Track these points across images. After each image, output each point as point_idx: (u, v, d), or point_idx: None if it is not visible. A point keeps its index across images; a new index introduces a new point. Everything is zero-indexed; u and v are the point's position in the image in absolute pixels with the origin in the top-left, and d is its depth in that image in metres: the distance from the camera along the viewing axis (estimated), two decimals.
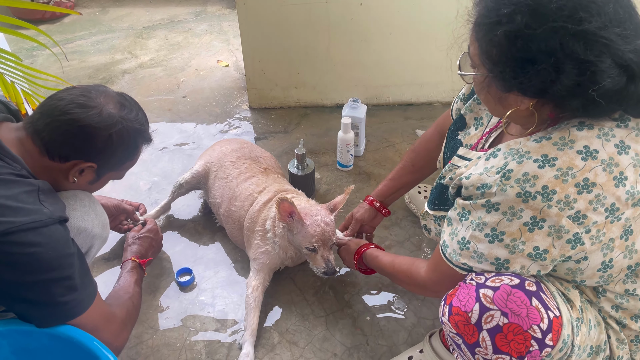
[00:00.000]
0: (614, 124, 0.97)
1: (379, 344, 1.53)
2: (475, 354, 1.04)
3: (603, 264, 1.01)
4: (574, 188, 0.93)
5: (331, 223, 1.56)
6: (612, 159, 0.94)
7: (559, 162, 0.94)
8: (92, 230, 1.26)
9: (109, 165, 1.24)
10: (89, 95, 1.17)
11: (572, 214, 0.94)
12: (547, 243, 0.97)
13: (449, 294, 1.09)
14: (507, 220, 0.98)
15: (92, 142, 1.16)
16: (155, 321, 1.60)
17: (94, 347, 1.06)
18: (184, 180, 1.93)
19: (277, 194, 1.72)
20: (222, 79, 3.03)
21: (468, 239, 1.05)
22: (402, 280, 1.35)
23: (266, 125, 2.61)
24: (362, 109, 2.23)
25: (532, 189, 0.94)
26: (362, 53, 2.52)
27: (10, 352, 1.12)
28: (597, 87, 0.86)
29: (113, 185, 2.16)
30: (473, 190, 1.03)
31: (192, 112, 2.71)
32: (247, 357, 1.44)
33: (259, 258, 1.65)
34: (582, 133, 0.96)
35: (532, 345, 0.97)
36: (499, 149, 1.04)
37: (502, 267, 1.03)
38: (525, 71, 0.90)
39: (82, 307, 1.08)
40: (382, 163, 2.29)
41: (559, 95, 0.90)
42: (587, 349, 1.09)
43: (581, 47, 0.85)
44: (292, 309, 1.65)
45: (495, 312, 0.98)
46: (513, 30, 0.89)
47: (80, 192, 1.29)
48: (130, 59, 3.28)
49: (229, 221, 1.80)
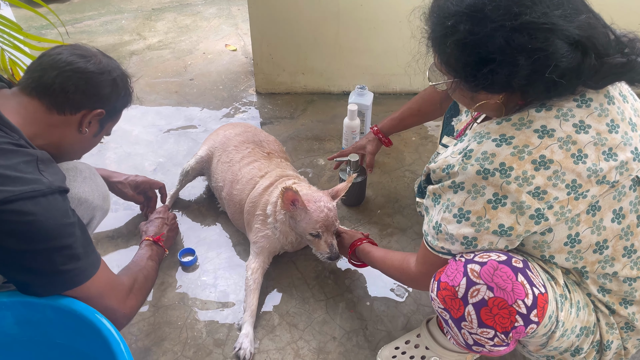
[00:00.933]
0: (574, 104, 1.01)
1: (378, 328, 1.54)
2: (462, 329, 1.06)
3: (569, 238, 1.04)
4: (531, 164, 0.98)
5: (334, 209, 1.57)
6: (569, 137, 0.98)
7: (516, 140, 0.99)
8: (93, 202, 1.27)
9: (113, 111, 1.30)
10: (80, 49, 1.24)
11: (531, 189, 0.98)
12: (512, 220, 1.01)
13: (439, 271, 1.12)
14: (471, 199, 1.03)
15: (101, 87, 1.22)
16: (157, 299, 1.62)
17: (96, 320, 1.07)
18: (190, 167, 1.94)
19: (279, 178, 1.72)
20: (229, 63, 3.03)
21: (440, 222, 1.10)
22: (394, 275, 1.39)
23: (272, 110, 2.60)
24: (368, 97, 2.22)
25: (491, 166, 0.99)
26: (370, 40, 2.51)
27: (14, 323, 1.14)
28: (552, 69, 0.90)
29: (119, 166, 2.18)
30: (440, 172, 1.08)
31: (199, 95, 2.71)
32: (246, 337, 1.46)
33: (259, 242, 1.66)
34: (540, 114, 1.01)
35: (517, 321, 0.99)
36: (466, 134, 1.10)
37: (470, 245, 1.07)
38: (483, 72, 0.95)
39: (84, 276, 1.08)
40: (387, 151, 2.29)
41: (521, 85, 0.95)
42: (577, 330, 1.10)
43: (525, 38, 0.90)
44: (292, 292, 1.67)
45: (482, 287, 1.00)
46: (460, 39, 0.95)
47: (81, 164, 1.31)
48: (139, 41, 3.28)
49: (230, 205, 1.81)
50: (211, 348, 1.48)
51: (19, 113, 1.14)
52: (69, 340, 1.15)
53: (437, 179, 1.11)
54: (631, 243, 1.07)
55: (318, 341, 1.51)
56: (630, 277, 1.10)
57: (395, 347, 1.43)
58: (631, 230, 1.06)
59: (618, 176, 1.00)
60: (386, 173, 2.16)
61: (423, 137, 2.39)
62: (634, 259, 1.09)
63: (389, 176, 2.14)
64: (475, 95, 1.04)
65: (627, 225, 1.05)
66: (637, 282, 1.11)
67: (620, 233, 1.05)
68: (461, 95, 1.08)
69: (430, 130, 2.43)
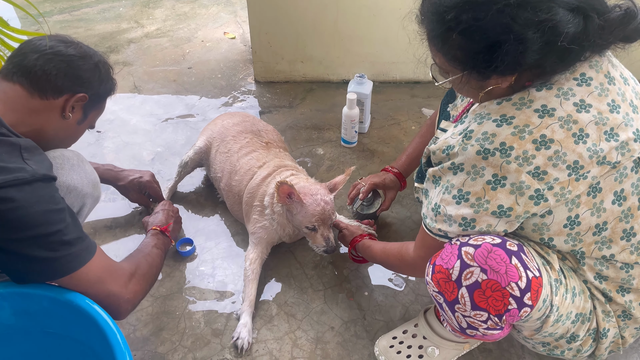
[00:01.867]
0: (574, 83, 1.01)
1: (376, 318, 1.54)
2: (455, 312, 1.07)
3: (569, 220, 1.04)
4: (532, 144, 0.97)
5: (331, 202, 1.56)
6: (570, 116, 0.98)
7: (516, 120, 0.99)
8: (82, 189, 1.26)
9: (96, 98, 1.29)
10: (61, 37, 1.25)
11: (531, 169, 0.98)
12: (511, 200, 1.01)
13: (434, 255, 1.12)
14: (471, 180, 1.03)
15: (82, 70, 1.23)
16: (156, 289, 1.62)
17: (92, 311, 1.07)
18: (189, 159, 1.93)
19: (277, 169, 1.71)
20: (228, 51, 3.00)
21: (439, 204, 1.10)
22: (394, 264, 1.39)
23: (271, 99, 2.59)
24: (368, 85, 2.20)
25: (491, 146, 0.99)
26: (370, 28, 2.48)
27: (11, 314, 1.14)
28: (563, 36, 0.91)
29: (117, 155, 2.17)
30: (439, 154, 1.08)
31: (197, 84, 2.69)
32: (244, 327, 1.46)
33: (257, 232, 1.66)
34: (540, 93, 1.00)
35: (510, 304, 0.99)
36: (466, 116, 1.09)
37: (468, 226, 1.06)
38: (495, 56, 0.94)
39: (79, 262, 1.07)
40: (386, 141, 2.28)
41: (534, 60, 0.94)
42: (572, 316, 1.10)
43: (530, 12, 0.90)
44: (291, 282, 1.66)
45: (475, 269, 1.00)
46: (465, 29, 0.94)
47: (68, 152, 1.29)
48: (137, 29, 3.25)
49: (229, 195, 1.80)
50: (209, 338, 1.49)
51: (0, 100, 1.12)
52: (66, 330, 1.15)
53: (437, 160, 1.11)
54: (631, 226, 1.06)
55: (316, 331, 1.51)
56: (627, 263, 1.10)
57: (393, 337, 1.43)
58: (631, 213, 1.05)
59: (619, 157, 0.99)
60: (385, 162, 2.15)
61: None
62: (633, 243, 1.08)
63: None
64: (485, 83, 1.03)
65: (628, 208, 1.05)
66: (634, 269, 1.11)
67: (620, 215, 1.05)
68: (470, 88, 1.07)
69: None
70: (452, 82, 1.08)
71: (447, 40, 0.99)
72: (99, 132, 2.31)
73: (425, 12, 1.03)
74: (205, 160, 1.95)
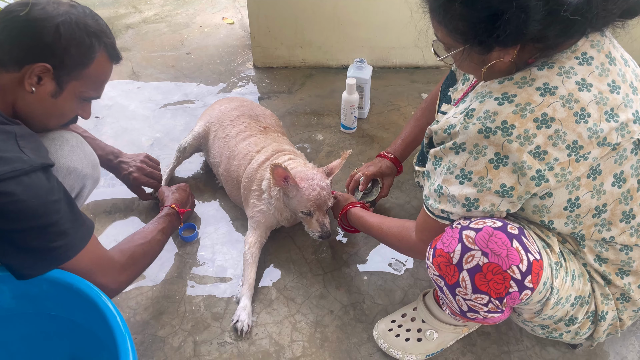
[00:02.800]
0: (575, 62, 1.00)
1: (375, 302, 1.55)
2: (456, 295, 1.07)
3: (569, 202, 1.04)
4: (533, 123, 0.97)
5: (327, 187, 1.55)
6: (571, 95, 0.97)
7: (518, 98, 0.98)
8: (82, 170, 1.25)
9: (65, 68, 1.12)
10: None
11: (532, 149, 0.97)
12: (513, 180, 1.00)
13: (435, 239, 1.12)
14: (473, 159, 1.02)
15: (40, 36, 1.07)
16: (156, 274, 1.63)
17: (93, 293, 1.07)
18: (187, 144, 1.92)
19: (275, 153, 1.71)
20: (227, 37, 2.98)
21: (441, 184, 1.09)
22: (392, 243, 1.38)
23: (270, 84, 2.57)
24: (367, 70, 2.19)
25: (492, 125, 0.98)
26: (370, 12, 2.46)
27: (11, 297, 1.14)
28: (567, 6, 0.89)
29: (115, 141, 2.16)
30: (441, 134, 1.07)
31: (196, 70, 2.68)
32: (244, 310, 1.47)
33: (255, 216, 1.66)
34: (542, 72, 0.99)
35: (511, 287, 1.00)
36: (467, 95, 1.09)
37: (472, 206, 1.06)
38: (497, 25, 0.92)
39: (73, 251, 1.07)
40: (386, 126, 2.27)
41: (537, 30, 0.93)
42: (571, 298, 1.11)
43: None
44: (290, 267, 1.67)
45: (476, 252, 1.00)
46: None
47: (67, 133, 1.28)
48: (134, 14, 3.22)
49: (227, 180, 1.80)
50: (209, 322, 1.49)
51: None
52: (66, 313, 1.15)
53: (439, 141, 1.10)
54: (630, 208, 1.06)
55: (315, 315, 1.52)
56: (627, 245, 1.10)
57: (392, 321, 1.43)
58: (631, 195, 1.05)
59: (619, 138, 0.99)
60: (384, 148, 2.13)
61: None
62: (633, 225, 1.08)
63: None
64: (487, 57, 1.02)
65: (627, 190, 1.05)
66: (634, 251, 1.11)
67: (620, 197, 1.05)
68: (471, 63, 1.05)
69: None
70: (454, 57, 1.06)
71: (448, 11, 0.97)
72: (98, 117, 2.30)
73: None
74: (204, 146, 1.94)
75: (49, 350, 1.24)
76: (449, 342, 1.40)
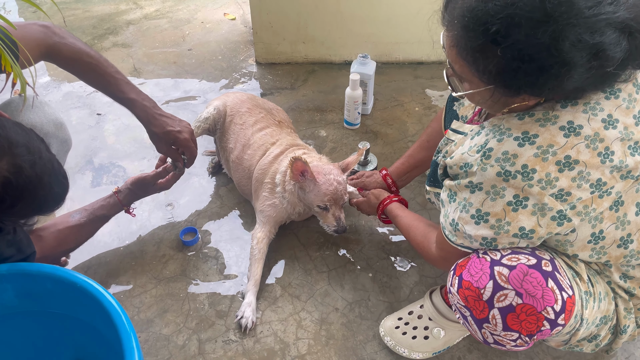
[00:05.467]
0: (602, 96, 0.94)
1: (380, 299, 1.54)
2: (483, 328, 1.03)
3: (593, 236, 1.00)
4: (555, 166, 0.91)
5: (343, 182, 1.54)
6: (597, 135, 0.91)
7: (540, 139, 0.92)
8: (42, 129, 1.24)
9: None
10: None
11: (554, 192, 0.92)
12: (533, 222, 0.96)
13: (459, 264, 1.08)
14: (490, 200, 0.98)
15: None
16: (159, 272, 1.62)
17: (96, 291, 1.06)
18: (210, 115, 1.83)
19: (290, 147, 1.70)
20: (228, 33, 2.96)
21: (457, 221, 1.05)
22: (416, 247, 1.34)
23: (272, 80, 2.55)
24: (371, 66, 2.17)
25: (512, 168, 0.93)
26: (373, 7, 2.44)
27: (14, 296, 1.13)
28: (612, 62, 0.82)
29: (117, 138, 2.15)
30: (457, 169, 1.03)
31: (198, 66, 2.66)
32: (249, 306, 1.45)
33: (266, 210, 1.64)
34: (566, 109, 0.93)
35: (544, 325, 0.97)
36: (483, 126, 1.03)
37: (490, 245, 1.03)
38: (537, 78, 0.85)
39: None
40: (389, 122, 2.25)
41: (575, 84, 0.86)
42: (597, 320, 1.08)
43: (587, 34, 0.80)
44: (295, 264, 1.66)
45: (510, 292, 0.96)
46: (512, 45, 0.83)
47: (29, 96, 1.29)
48: (135, 10, 3.20)
49: (238, 169, 1.78)
50: (214, 319, 1.48)
51: None
52: (70, 311, 1.14)
53: (453, 174, 1.06)
54: None
55: (320, 312, 1.51)
56: None
57: (398, 318, 1.42)
58: None
59: None
60: (389, 144, 2.12)
61: (426, 107, 2.34)
62: None
63: (392, 147, 2.11)
64: (512, 100, 0.94)
65: None
66: None
67: None
68: (492, 102, 0.96)
69: (434, 101, 2.38)
70: (474, 94, 0.98)
71: (484, 54, 0.87)
72: (100, 114, 2.28)
73: (456, 17, 0.89)
74: (220, 126, 1.86)
75: (53, 348, 1.23)
76: (455, 340, 1.39)
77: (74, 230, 1.38)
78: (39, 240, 1.28)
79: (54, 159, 1.06)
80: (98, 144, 2.13)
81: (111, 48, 2.80)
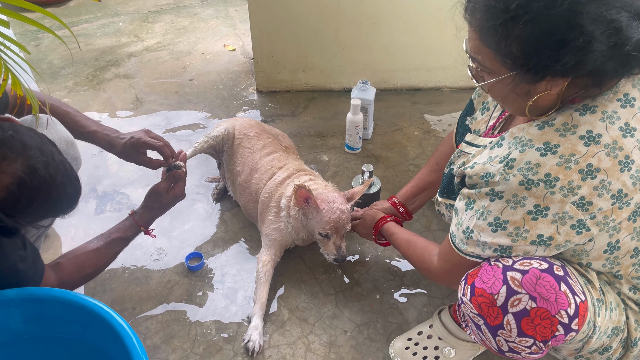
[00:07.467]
0: (618, 105, 0.96)
1: (389, 321, 1.53)
2: (497, 336, 1.03)
3: (609, 245, 1.01)
4: (578, 174, 0.93)
5: (347, 211, 1.55)
6: (616, 143, 0.93)
7: (561, 149, 0.94)
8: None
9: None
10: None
11: (576, 200, 0.93)
12: (552, 230, 0.97)
13: (470, 273, 1.08)
14: (510, 208, 0.98)
15: None
16: (165, 297, 1.60)
17: (108, 316, 1.05)
18: (220, 133, 1.85)
19: (296, 172, 1.71)
20: (229, 63, 3.02)
21: (472, 229, 1.05)
22: (414, 263, 1.35)
23: (273, 108, 2.59)
24: (371, 91, 2.21)
25: (535, 177, 0.94)
26: (371, 36, 2.50)
27: (22, 321, 1.12)
28: (631, 41, 0.84)
29: (121, 166, 2.15)
30: (477, 179, 1.03)
31: (199, 95, 2.70)
32: (255, 329, 1.44)
33: (271, 234, 1.64)
34: (584, 118, 0.95)
35: (558, 330, 0.96)
36: (503, 137, 1.04)
37: (504, 252, 1.03)
38: (558, 53, 0.86)
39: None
40: (390, 146, 2.28)
41: (596, 63, 0.87)
42: (609, 330, 1.08)
43: (604, 9, 0.83)
44: (301, 287, 1.65)
45: (523, 296, 0.97)
46: (533, 19, 0.85)
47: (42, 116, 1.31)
48: (137, 42, 3.26)
49: (245, 192, 1.79)
50: (221, 344, 1.46)
51: None
52: (79, 335, 1.13)
53: (472, 183, 1.07)
54: None
55: (329, 335, 1.49)
56: None
57: (408, 339, 1.41)
58: None
59: None
60: (390, 167, 2.15)
61: (425, 131, 2.38)
62: None
63: (393, 170, 2.13)
64: (534, 88, 0.95)
65: None
66: None
67: None
68: (515, 94, 0.98)
69: (432, 125, 2.42)
70: (497, 84, 0.99)
71: (506, 32, 0.89)
72: None
73: (479, 1, 0.92)
74: (227, 148, 1.87)
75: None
76: (467, 359, 1.37)
77: (91, 255, 1.37)
78: (57, 268, 1.29)
79: (66, 162, 1.09)
80: (101, 172, 2.14)
81: (113, 79, 2.84)
